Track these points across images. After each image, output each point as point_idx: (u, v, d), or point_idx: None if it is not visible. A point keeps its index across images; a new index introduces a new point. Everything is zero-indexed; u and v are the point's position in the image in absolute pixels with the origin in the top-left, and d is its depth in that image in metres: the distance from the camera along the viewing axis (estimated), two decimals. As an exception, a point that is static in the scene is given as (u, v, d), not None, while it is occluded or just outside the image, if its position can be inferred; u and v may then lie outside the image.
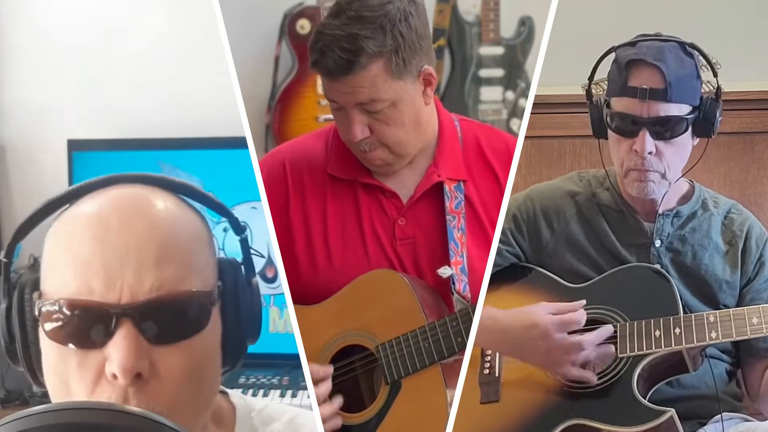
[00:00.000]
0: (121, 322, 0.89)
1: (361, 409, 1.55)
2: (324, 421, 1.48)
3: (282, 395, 2.47)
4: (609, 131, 1.59)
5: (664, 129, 1.52)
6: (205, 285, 0.96)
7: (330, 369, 1.53)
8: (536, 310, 1.55)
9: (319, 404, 1.48)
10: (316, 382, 1.50)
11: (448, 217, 1.54)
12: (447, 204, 1.55)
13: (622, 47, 1.57)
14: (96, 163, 2.71)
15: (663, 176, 1.56)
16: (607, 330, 1.54)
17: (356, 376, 1.57)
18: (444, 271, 1.52)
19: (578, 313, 1.54)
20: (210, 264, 0.99)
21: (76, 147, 2.71)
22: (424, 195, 1.57)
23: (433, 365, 1.50)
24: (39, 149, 2.86)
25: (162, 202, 0.97)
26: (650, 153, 1.53)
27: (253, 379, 2.55)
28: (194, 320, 0.94)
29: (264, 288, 2.68)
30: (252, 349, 1.05)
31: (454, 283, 1.52)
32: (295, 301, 1.55)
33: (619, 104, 1.55)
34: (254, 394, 2.47)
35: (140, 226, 0.92)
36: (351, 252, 1.56)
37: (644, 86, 1.50)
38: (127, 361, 0.88)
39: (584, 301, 1.57)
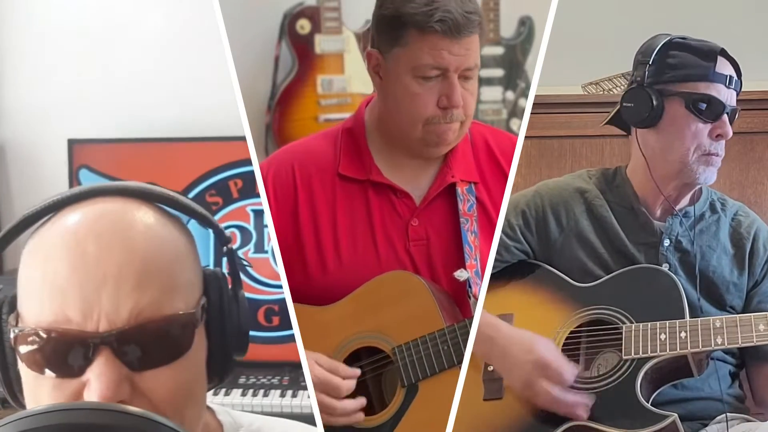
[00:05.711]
0: (99, 350, 0.86)
1: (370, 413, 1.53)
2: (348, 414, 1.48)
3: (282, 396, 2.47)
4: (684, 113, 1.57)
5: (732, 118, 1.58)
6: (188, 306, 0.92)
7: (357, 371, 1.51)
8: (540, 341, 1.53)
9: (341, 399, 1.48)
10: (344, 378, 1.49)
11: (461, 219, 1.53)
12: (460, 206, 1.54)
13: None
14: (96, 162, 2.71)
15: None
16: (587, 399, 1.51)
17: (365, 380, 1.55)
18: (461, 274, 1.50)
19: (567, 374, 1.50)
20: (193, 282, 0.94)
21: (76, 146, 2.71)
22: (438, 196, 1.56)
23: (452, 368, 1.48)
24: (39, 148, 2.86)
25: (142, 220, 0.92)
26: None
27: (254, 380, 2.55)
28: (176, 344, 0.90)
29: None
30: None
31: (470, 287, 1.50)
32: (306, 302, 1.54)
33: (704, 90, 1.57)
34: (254, 395, 2.47)
35: (118, 250, 0.87)
36: (361, 252, 1.54)
37: (731, 75, 1.58)
38: (107, 390, 0.85)
39: (578, 370, 1.54)
